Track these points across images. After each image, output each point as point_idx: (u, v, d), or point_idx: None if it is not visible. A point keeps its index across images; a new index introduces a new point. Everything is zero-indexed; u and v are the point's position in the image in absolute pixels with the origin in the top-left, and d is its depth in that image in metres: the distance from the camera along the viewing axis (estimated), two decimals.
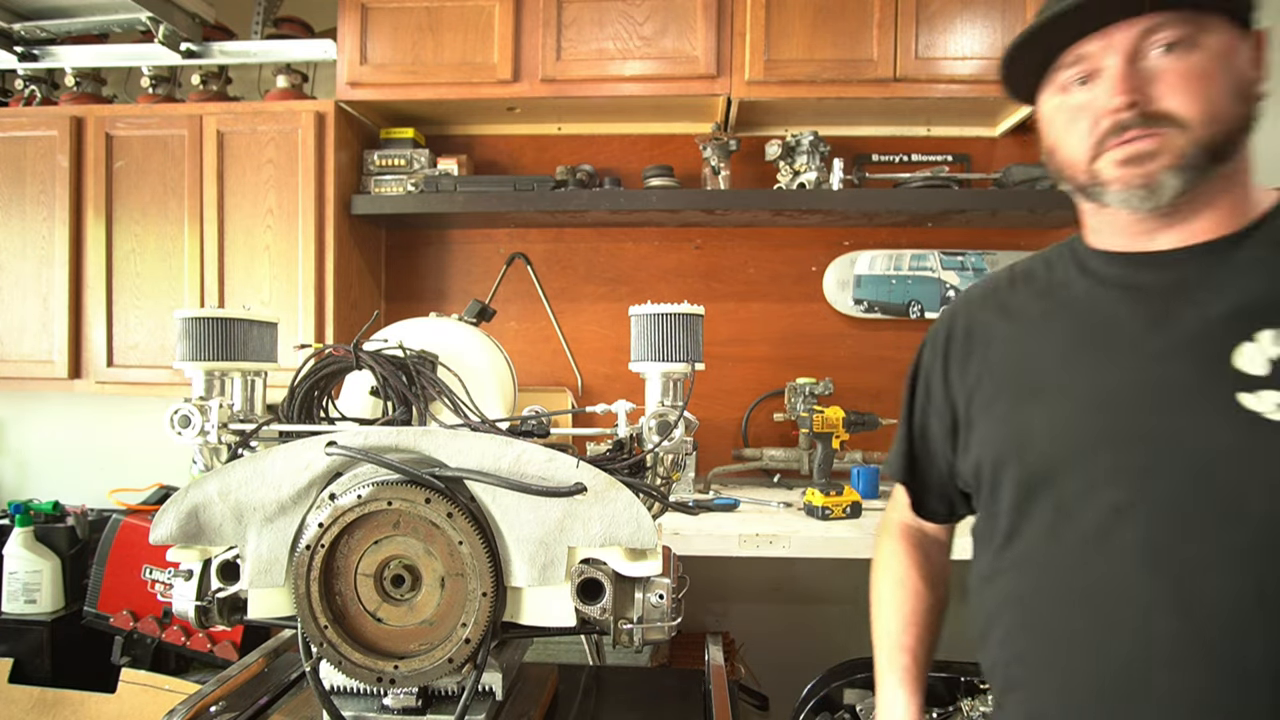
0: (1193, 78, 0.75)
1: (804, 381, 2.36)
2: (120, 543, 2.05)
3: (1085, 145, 0.80)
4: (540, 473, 0.86)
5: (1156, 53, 0.76)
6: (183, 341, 0.99)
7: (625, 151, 2.56)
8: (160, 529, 0.87)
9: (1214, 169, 0.76)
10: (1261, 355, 0.72)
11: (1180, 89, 0.75)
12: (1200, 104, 0.75)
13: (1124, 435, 0.77)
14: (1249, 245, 0.78)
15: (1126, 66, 0.76)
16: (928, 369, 1.02)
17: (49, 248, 2.30)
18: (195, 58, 2.31)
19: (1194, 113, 0.75)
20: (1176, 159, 0.75)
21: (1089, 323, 0.84)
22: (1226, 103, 0.75)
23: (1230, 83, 0.76)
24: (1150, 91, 0.76)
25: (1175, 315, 0.78)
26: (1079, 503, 0.79)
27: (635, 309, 0.98)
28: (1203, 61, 0.75)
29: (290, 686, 1.11)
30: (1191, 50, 0.75)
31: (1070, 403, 0.82)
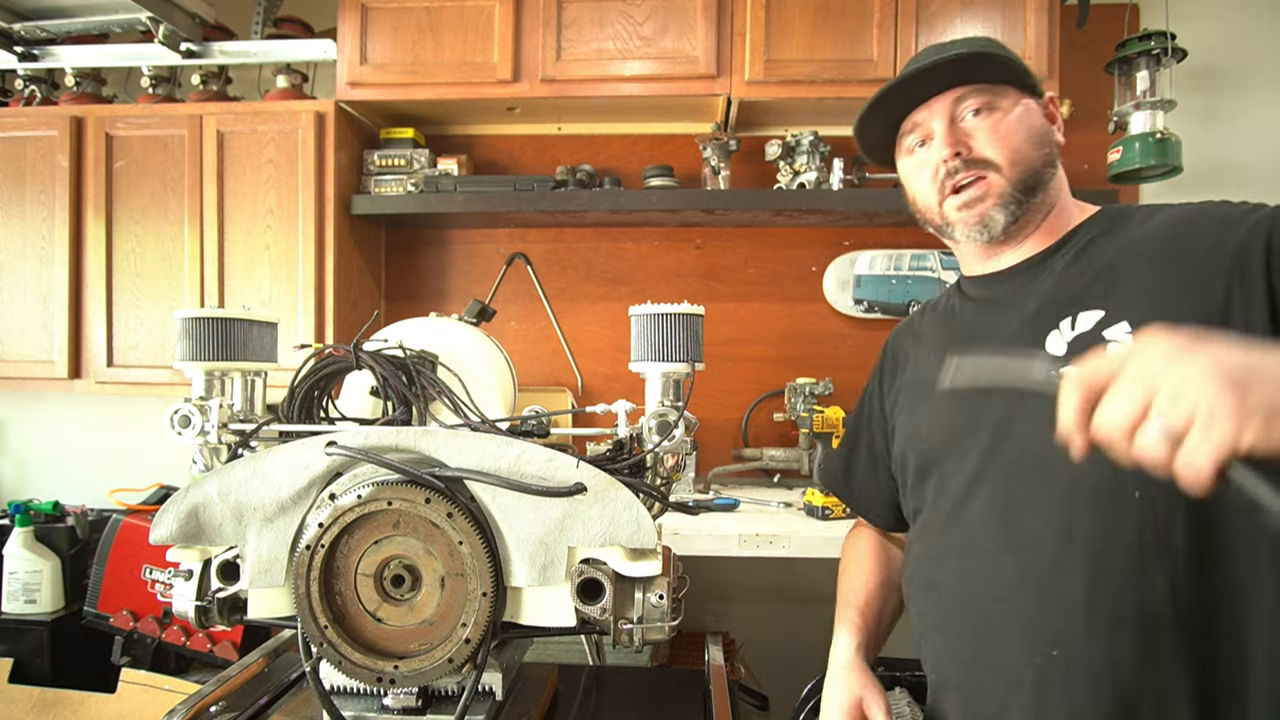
0: (997, 131, 0.98)
1: (804, 381, 2.36)
2: (120, 543, 2.05)
3: (933, 193, 1.03)
4: (540, 473, 0.86)
5: (968, 116, 0.99)
6: (183, 341, 0.99)
7: (625, 151, 2.56)
8: (160, 529, 0.87)
9: (1030, 201, 0.98)
10: (1062, 338, 0.90)
11: (989, 140, 0.98)
12: (1006, 150, 0.97)
13: (977, 421, 0.96)
14: (1058, 256, 0.98)
15: (948, 128, 1.00)
16: (870, 392, 1.22)
17: (49, 248, 2.30)
18: (195, 58, 2.31)
19: (1003, 158, 0.97)
20: (999, 199, 0.98)
21: (961, 334, 1.05)
22: (1028, 149, 0.98)
23: (1027, 133, 0.99)
24: (969, 144, 0.98)
25: (1008, 317, 0.98)
26: (949, 479, 0.98)
27: (635, 309, 0.98)
28: (1002, 119, 0.98)
29: (290, 686, 1.11)
30: (993, 112, 0.99)
31: (940, 400, 1.02)
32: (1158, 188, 2.39)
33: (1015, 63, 0.98)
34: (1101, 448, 0.64)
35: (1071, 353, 0.87)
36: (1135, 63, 2.17)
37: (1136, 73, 2.17)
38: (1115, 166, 2.18)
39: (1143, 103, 2.14)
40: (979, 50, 0.96)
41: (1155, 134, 2.11)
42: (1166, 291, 0.84)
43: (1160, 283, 0.85)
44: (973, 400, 0.96)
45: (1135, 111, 2.15)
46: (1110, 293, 0.88)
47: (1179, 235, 0.88)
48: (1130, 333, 0.84)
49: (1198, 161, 2.33)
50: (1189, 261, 0.85)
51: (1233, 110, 2.43)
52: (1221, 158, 2.42)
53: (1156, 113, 2.13)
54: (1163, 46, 2.12)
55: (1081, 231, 0.99)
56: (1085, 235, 0.98)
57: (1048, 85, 2.10)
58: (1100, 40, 2.32)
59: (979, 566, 0.92)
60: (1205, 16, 2.38)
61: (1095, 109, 2.35)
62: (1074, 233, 0.99)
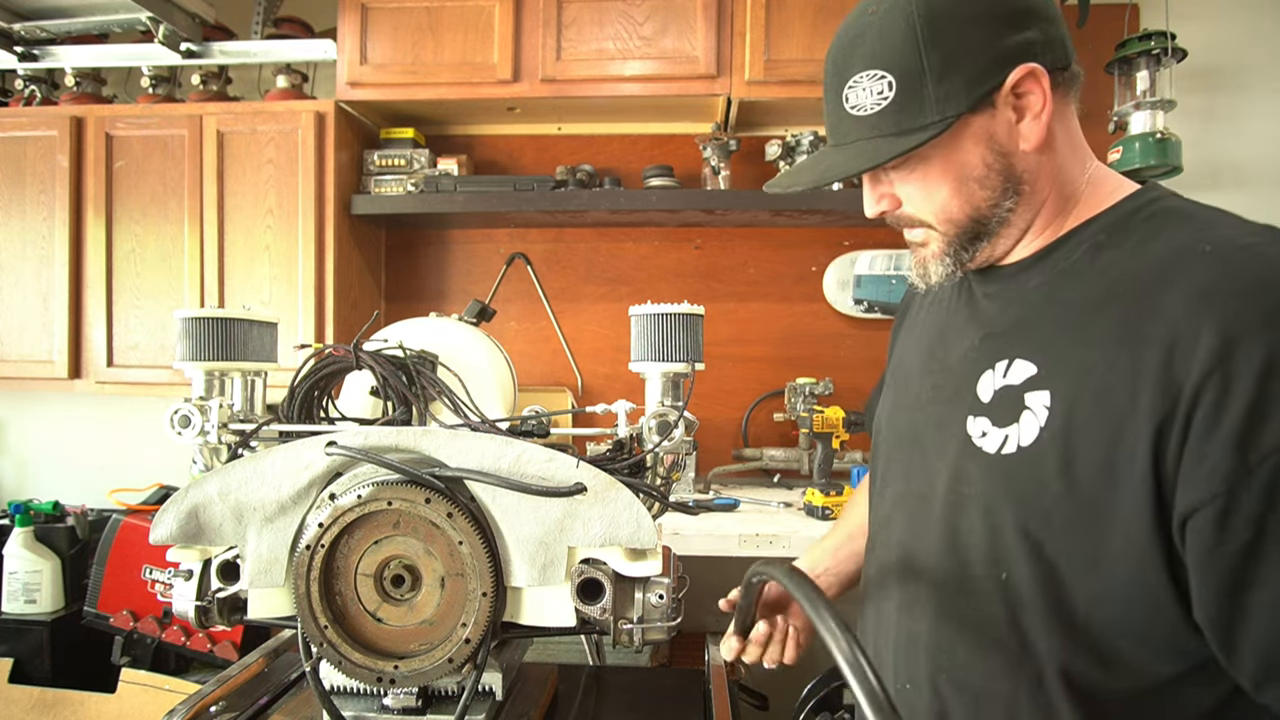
0: (920, 192, 0.80)
1: (804, 381, 2.36)
2: (120, 543, 2.05)
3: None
4: (540, 473, 0.86)
5: (889, 170, 0.82)
6: (183, 341, 0.98)
7: (625, 151, 2.56)
8: (160, 529, 0.87)
9: (979, 245, 0.82)
10: (991, 384, 0.79)
11: (913, 200, 0.82)
12: (933, 211, 0.81)
13: (914, 435, 0.90)
14: (1038, 269, 0.81)
15: (870, 182, 0.84)
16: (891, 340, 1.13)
17: (49, 248, 2.30)
18: (195, 58, 2.31)
19: (931, 218, 0.82)
20: (938, 253, 0.84)
21: (941, 329, 0.92)
22: (960, 200, 0.79)
23: (955, 184, 0.78)
24: (896, 197, 0.83)
25: (970, 332, 0.86)
26: (886, 485, 0.95)
27: (635, 309, 0.98)
28: (925, 175, 0.79)
29: (290, 686, 1.11)
30: (913, 166, 0.79)
31: (903, 396, 0.95)
32: None
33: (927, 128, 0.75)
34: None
35: (994, 403, 0.77)
36: (1135, 63, 2.17)
37: (1136, 73, 2.17)
38: (1115, 166, 2.17)
39: (1143, 103, 2.14)
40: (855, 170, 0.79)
41: (1155, 134, 2.11)
42: (1099, 377, 0.70)
43: (1097, 362, 0.70)
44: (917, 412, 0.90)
45: (1135, 111, 2.15)
46: (1052, 346, 0.75)
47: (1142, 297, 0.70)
48: (1048, 407, 0.72)
49: (1198, 161, 2.33)
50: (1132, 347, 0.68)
51: (1233, 110, 2.43)
52: (1221, 158, 2.42)
53: (1156, 113, 2.13)
54: (1163, 46, 2.12)
55: (1078, 238, 0.80)
56: (1075, 249, 0.79)
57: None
58: (1100, 40, 2.32)
59: (885, 585, 0.93)
60: (1205, 16, 2.38)
61: (1095, 109, 2.35)
62: (1073, 235, 0.80)
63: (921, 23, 0.73)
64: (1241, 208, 0.84)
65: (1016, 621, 0.75)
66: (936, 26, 0.73)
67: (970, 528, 0.78)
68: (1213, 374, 0.62)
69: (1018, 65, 0.74)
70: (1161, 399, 0.65)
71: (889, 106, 0.75)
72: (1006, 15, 0.74)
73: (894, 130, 0.75)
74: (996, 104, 0.76)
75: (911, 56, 0.73)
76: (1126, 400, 0.67)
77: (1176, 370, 0.64)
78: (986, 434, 0.77)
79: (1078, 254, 0.78)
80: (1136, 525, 0.67)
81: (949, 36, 0.73)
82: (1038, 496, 0.72)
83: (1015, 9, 0.74)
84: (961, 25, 0.73)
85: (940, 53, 0.73)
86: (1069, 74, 0.78)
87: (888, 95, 0.75)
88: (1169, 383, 0.65)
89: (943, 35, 0.73)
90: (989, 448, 0.77)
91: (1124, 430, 0.67)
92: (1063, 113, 0.79)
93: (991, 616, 0.77)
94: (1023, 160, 0.78)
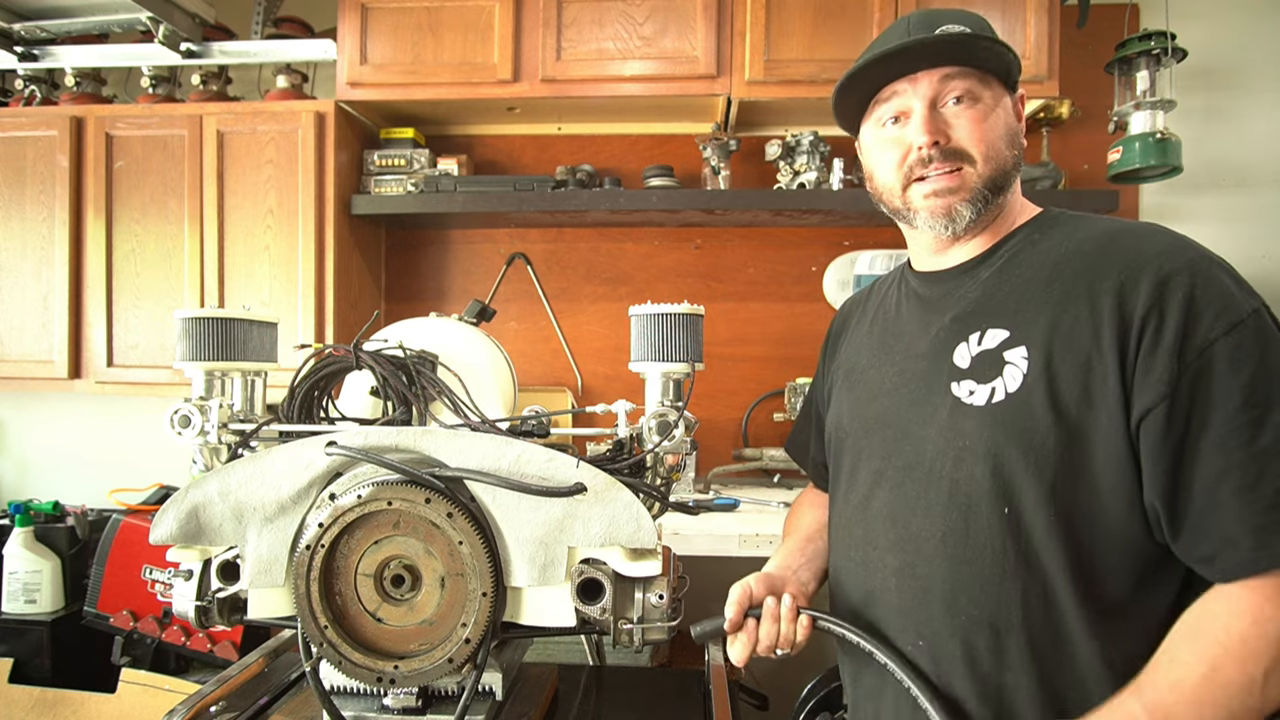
0: (978, 124, 0.95)
1: (804, 381, 2.36)
2: (120, 543, 2.05)
3: (898, 175, 0.99)
4: (540, 473, 0.86)
5: (951, 101, 0.96)
6: (183, 341, 0.99)
7: (625, 151, 2.56)
8: (160, 529, 0.87)
9: (995, 199, 0.96)
10: (968, 351, 0.93)
11: (969, 132, 0.95)
12: (984, 145, 0.95)
13: (886, 418, 1.00)
14: (987, 264, 0.98)
15: (929, 111, 0.95)
16: (819, 366, 1.28)
17: (49, 248, 2.30)
18: (195, 58, 2.31)
19: (979, 152, 0.95)
20: (969, 194, 0.95)
21: (891, 329, 1.06)
22: (1002, 146, 0.96)
23: (1003, 130, 0.96)
24: (948, 133, 0.95)
25: (931, 321, 1.00)
26: (859, 471, 1.03)
27: (635, 309, 0.98)
28: (985, 111, 0.95)
29: (290, 686, 1.11)
30: (976, 102, 0.95)
31: (863, 390, 1.06)
32: (1158, 188, 2.39)
33: (1007, 54, 0.95)
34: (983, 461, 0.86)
35: (974, 366, 0.91)
36: (1135, 63, 2.17)
37: (1136, 73, 2.17)
38: (1115, 166, 2.18)
39: (1143, 103, 2.14)
40: (978, 33, 0.93)
41: (1155, 134, 2.11)
42: (1066, 327, 0.86)
43: (1061, 316, 0.87)
44: (885, 398, 1.01)
45: (1135, 111, 2.15)
46: (1019, 312, 0.90)
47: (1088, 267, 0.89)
48: (1026, 358, 0.87)
49: (1198, 161, 2.34)
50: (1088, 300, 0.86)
51: (1233, 110, 2.43)
52: (1221, 158, 2.42)
53: (1156, 113, 2.13)
54: (1163, 46, 2.12)
55: (1015, 238, 0.98)
56: (1015, 244, 0.97)
57: (1047, 85, 2.12)
58: (1100, 40, 2.32)
59: (873, 559, 0.99)
60: (1205, 16, 2.38)
61: (1095, 109, 2.35)
62: (1010, 237, 0.98)
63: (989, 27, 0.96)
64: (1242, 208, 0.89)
65: (1023, 550, 0.86)
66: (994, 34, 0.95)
67: (970, 475, 0.89)
68: (1153, 308, 0.82)
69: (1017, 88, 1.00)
70: (1118, 332, 0.83)
71: (989, 31, 0.94)
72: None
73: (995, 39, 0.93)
74: (1016, 99, 0.99)
75: (993, 33, 0.95)
76: (1091, 339, 0.84)
77: (1126, 310, 0.83)
78: (974, 392, 0.91)
79: (1018, 248, 0.97)
80: (1113, 436, 0.83)
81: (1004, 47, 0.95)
82: (1031, 429, 0.86)
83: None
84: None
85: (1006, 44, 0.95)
86: None
87: (980, 25, 0.95)
88: (1122, 319, 0.83)
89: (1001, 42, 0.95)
90: (979, 402, 0.90)
91: (1093, 363, 0.84)
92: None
93: (1000, 551, 0.88)
94: (1022, 152, 0.99)
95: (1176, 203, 2.43)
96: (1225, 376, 0.79)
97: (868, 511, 1.01)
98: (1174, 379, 0.80)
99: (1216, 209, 2.42)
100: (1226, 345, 0.79)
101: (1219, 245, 0.94)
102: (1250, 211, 2.41)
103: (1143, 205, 2.45)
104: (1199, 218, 2.43)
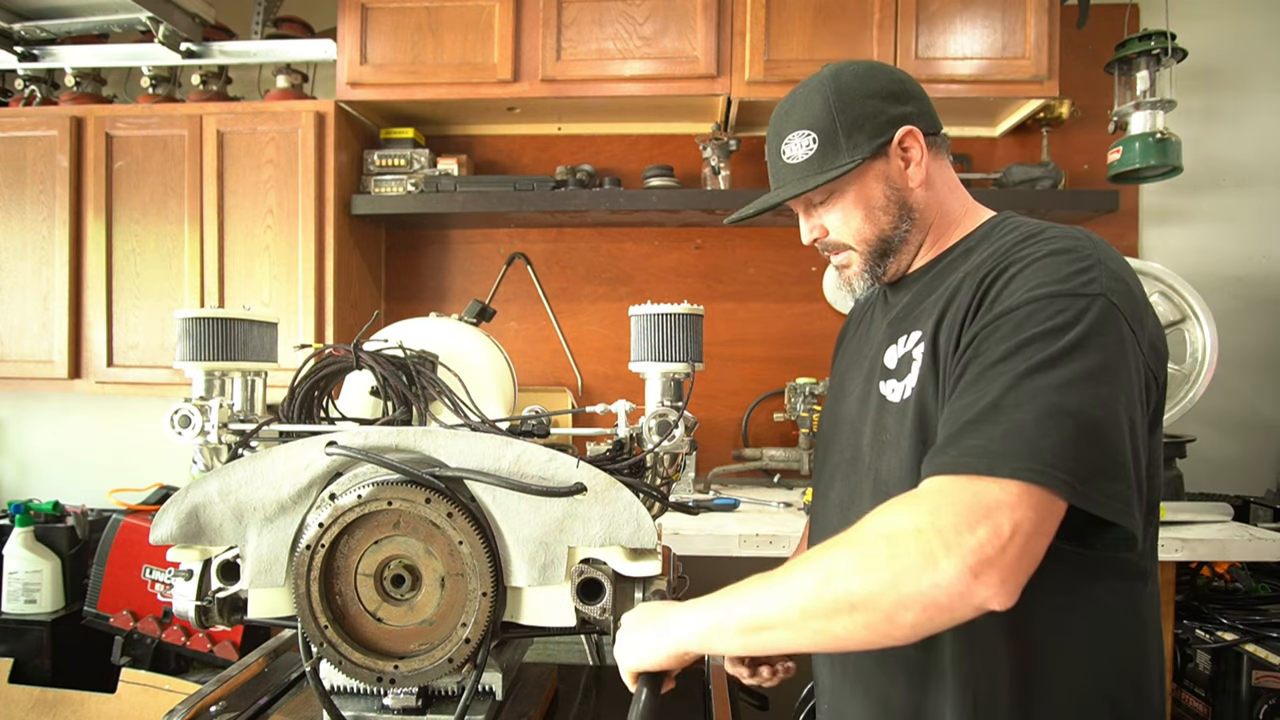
0: (840, 219, 1.06)
1: (804, 381, 2.36)
2: (120, 543, 2.05)
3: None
4: (540, 473, 0.86)
5: (817, 204, 1.07)
6: (183, 341, 0.99)
7: (625, 151, 2.56)
8: (160, 529, 0.88)
9: (888, 260, 1.06)
10: (895, 354, 1.00)
11: (836, 227, 1.06)
12: (851, 234, 1.05)
13: (846, 415, 1.08)
14: (926, 275, 1.05)
15: (804, 216, 1.10)
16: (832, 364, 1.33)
17: (49, 248, 2.30)
18: (195, 58, 2.31)
19: (850, 240, 1.06)
20: (858, 269, 1.07)
21: (865, 334, 1.14)
22: (870, 226, 1.04)
23: (866, 212, 1.04)
24: (824, 226, 1.07)
25: (877, 325, 1.09)
26: (825, 465, 1.13)
27: (635, 309, 0.99)
28: (843, 206, 1.05)
29: (290, 686, 1.11)
30: (835, 200, 1.05)
31: (839, 391, 1.15)
32: (1158, 188, 2.39)
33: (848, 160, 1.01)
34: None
35: (897, 367, 0.98)
36: (1135, 63, 2.17)
37: (1136, 73, 2.17)
38: (1115, 166, 2.18)
39: (1143, 103, 2.14)
40: (795, 194, 1.03)
41: (1155, 134, 2.11)
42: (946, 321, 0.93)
43: (945, 310, 0.94)
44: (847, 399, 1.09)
45: (1135, 111, 2.15)
46: (929, 316, 0.97)
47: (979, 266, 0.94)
48: (924, 353, 0.95)
49: (1198, 161, 2.34)
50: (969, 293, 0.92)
51: (1233, 110, 2.43)
52: (1221, 158, 2.42)
53: (1156, 113, 2.13)
54: (1163, 46, 2.12)
55: (951, 252, 1.04)
56: (949, 256, 1.04)
57: (1047, 85, 2.12)
58: (1100, 40, 2.32)
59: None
60: (1205, 16, 2.38)
61: (1095, 109, 2.35)
62: (948, 251, 1.05)
63: (834, 98, 1.03)
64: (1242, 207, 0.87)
65: None
66: (844, 101, 1.03)
67: (889, 465, 0.97)
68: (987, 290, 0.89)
69: (901, 126, 1.03)
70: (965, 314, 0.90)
71: (814, 155, 1.03)
72: (891, 94, 1.04)
73: (818, 171, 1.03)
74: (889, 154, 1.03)
75: (828, 120, 1.03)
76: (959, 328, 0.90)
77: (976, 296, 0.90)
78: (894, 390, 0.98)
79: (955, 255, 1.03)
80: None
81: (853, 107, 1.02)
82: (925, 419, 0.92)
83: (896, 91, 1.04)
84: (861, 99, 1.03)
85: (848, 118, 1.02)
86: (939, 137, 1.07)
87: (812, 147, 1.03)
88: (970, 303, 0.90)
89: (848, 106, 1.02)
90: (895, 398, 0.97)
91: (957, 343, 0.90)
92: (939, 163, 1.07)
93: None
94: (912, 195, 1.04)
95: (1176, 203, 2.43)
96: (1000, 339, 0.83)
97: (827, 503, 1.10)
98: (969, 343, 0.87)
99: (1216, 209, 2.42)
100: (1019, 314, 0.83)
101: (1219, 245, 0.95)
102: (1250, 211, 2.41)
103: (1143, 205, 2.45)
104: (1199, 218, 2.43)
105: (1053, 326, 0.81)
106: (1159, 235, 2.46)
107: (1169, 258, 2.38)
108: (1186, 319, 2.10)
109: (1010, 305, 0.84)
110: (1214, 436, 2.37)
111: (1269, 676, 1.67)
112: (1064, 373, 0.78)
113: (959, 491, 0.75)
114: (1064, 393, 0.77)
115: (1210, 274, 2.36)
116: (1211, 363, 2.07)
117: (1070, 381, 0.77)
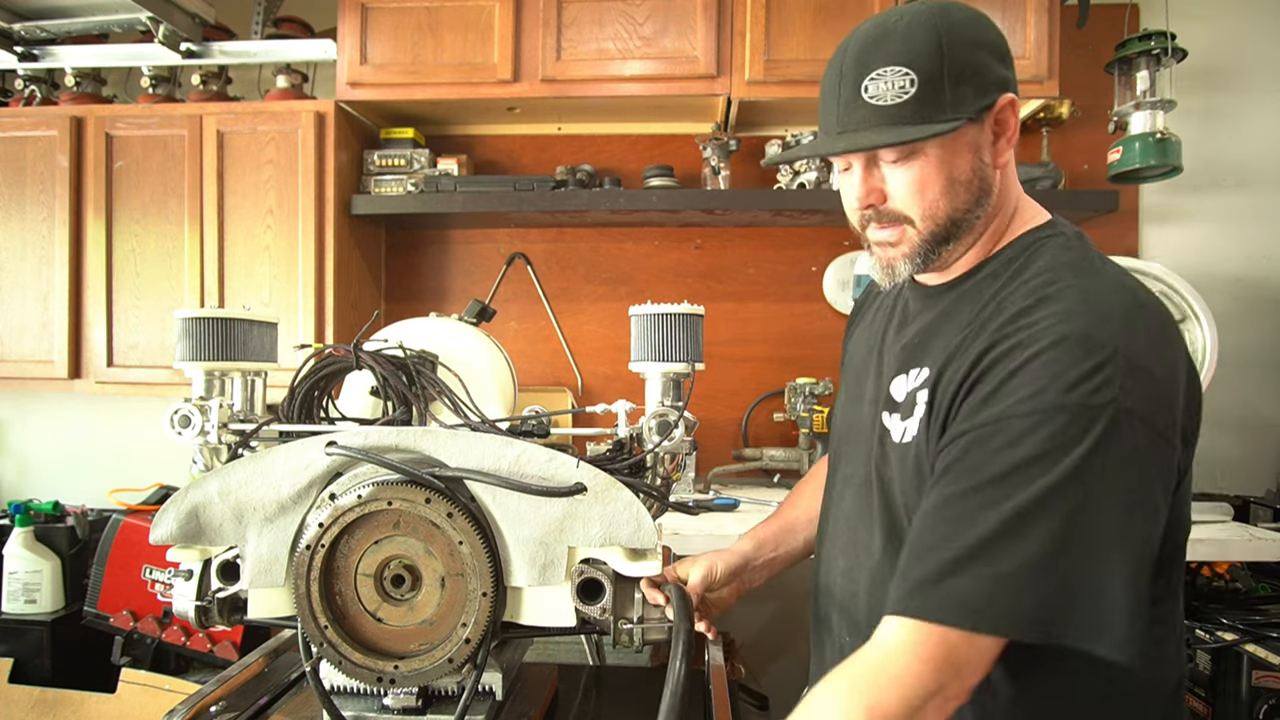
0: (914, 185, 0.88)
1: (804, 381, 2.36)
2: (120, 543, 2.05)
3: (854, 216, 0.96)
4: (540, 473, 0.86)
5: (888, 161, 0.89)
6: (183, 341, 0.99)
7: (625, 151, 2.56)
8: (160, 529, 0.88)
9: (944, 248, 0.91)
10: (903, 388, 0.93)
11: (904, 195, 0.89)
12: (921, 206, 0.89)
13: (859, 427, 1.02)
14: (952, 293, 0.95)
15: (864, 172, 0.91)
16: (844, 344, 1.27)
17: (49, 248, 2.30)
18: (195, 58, 2.31)
19: (917, 213, 0.89)
20: (910, 251, 0.92)
21: (880, 340, 1.05)
22: (945, 200, 0.88)
23: (946, 183, 0.88)
24: (885, 192, 0.90)
25: (895, 341, 1.00)
26: (837, 470, 1.09)
27: (635, 309, 0.98)
28: (923, 170, 0.87)
29: (290, 686, 1.11)
30: (912, 158, 0.87)
31: (853, 391, 1.08)
32: (1158, 188, 2.39)
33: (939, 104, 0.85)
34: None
35: (904, 402, 0.93)
36: (1135, 63, 2.17)
37: (1136, 73, 2.17)
38: (1115, 166, 2.18)
39: (1143, 103, 2.14)
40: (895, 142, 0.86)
41: (1155, 134, 2.11)
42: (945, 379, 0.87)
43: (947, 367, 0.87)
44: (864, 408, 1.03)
45: (1135, 111, 2.15)
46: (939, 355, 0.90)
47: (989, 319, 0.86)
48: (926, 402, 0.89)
49: (1198, 161, 2.34)
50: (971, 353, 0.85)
51: (1233, 110, 2.43)
52: (1221, 158, 2.42)
53: (1156, 113, 2.13)
54: (1163, 46, 2.12)
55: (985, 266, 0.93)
56: (980, 273, 0.93)
57: (1047, 85, 2.12)
58: (1100, 40, 2.32)
59: (832, 556, 1.06)
60: (1205, 16, 2.38)
61: (1095, 109, 2.35)
62: (984, 264, 0.94)
63: (945, 36, 0.85)
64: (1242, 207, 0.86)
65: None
66: (956, 42, 0.85)
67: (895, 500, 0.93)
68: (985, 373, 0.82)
69: (1003, 93, 0.88)
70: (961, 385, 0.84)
71: (909, 99, 0.84)
72: (999, 51, 0.89)
73: (913, 119, 0.84)
74: (984, 121, 0.88)
75: (934, 61, 0.84)
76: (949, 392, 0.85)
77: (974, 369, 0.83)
78: (897, 427, 0.93)
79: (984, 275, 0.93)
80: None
81: (964, 53, 0.85)
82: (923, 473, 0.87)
83: (1003, 48, 0.90)
84: (973, 47, 0.86)
85: (957, 65, 0.85)
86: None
87: (909, 90, 0.84)
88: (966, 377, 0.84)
89: (959, 51, 0.85)
90: (897, 438, 0.92)
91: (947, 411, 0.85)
92: (1014, 144, 0.93)
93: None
94: (993, 176, 0.90)
95: (1176, 203, 2.43)
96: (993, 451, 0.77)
97: (838, 511, 1.06)
98: (958, 435, 0.82)
99: (1216, 209, 2.42)
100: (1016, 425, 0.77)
101: (1219, 245, 0.94)
102: (1250, 211, 2.41)
103: (1143, 205, 2.45)
104: (1199, 218, 2.43)
105: (1051, 448, 0.75)
106: (1159, 235, 2.46)
107: (1169, 258, 2.38)
108: (1186, 319, 2.10)
109: (1007, 412, 0.78)
110: (1214, 436, 2.37)
111: (1269, 676, 1.67)
112: (1056, 518, 0.74)
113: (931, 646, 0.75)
114: (1054, 539, 0.73)
115: (1210, 274, 2.36)
116: (1211, 363, 2.07)
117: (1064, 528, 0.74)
